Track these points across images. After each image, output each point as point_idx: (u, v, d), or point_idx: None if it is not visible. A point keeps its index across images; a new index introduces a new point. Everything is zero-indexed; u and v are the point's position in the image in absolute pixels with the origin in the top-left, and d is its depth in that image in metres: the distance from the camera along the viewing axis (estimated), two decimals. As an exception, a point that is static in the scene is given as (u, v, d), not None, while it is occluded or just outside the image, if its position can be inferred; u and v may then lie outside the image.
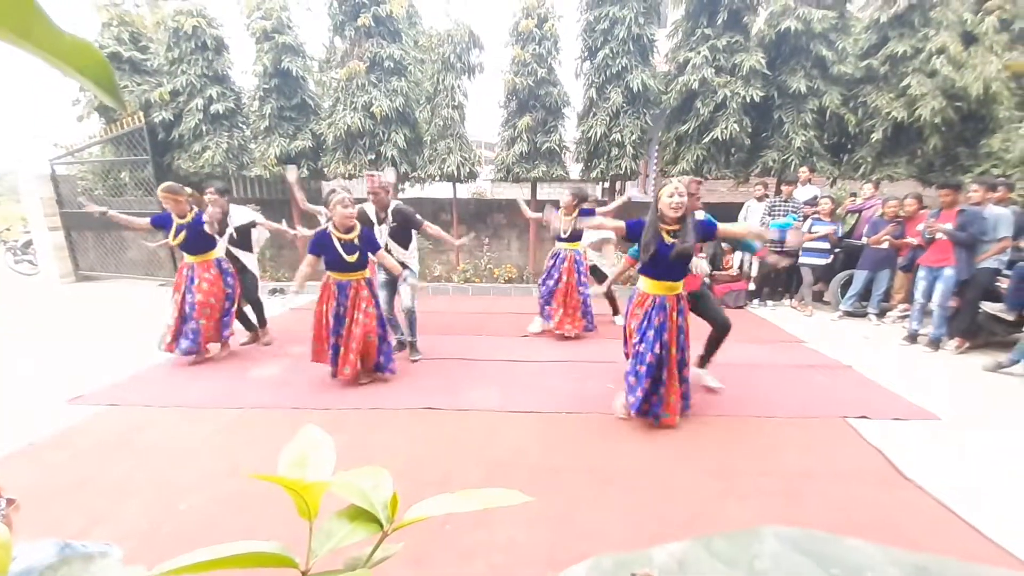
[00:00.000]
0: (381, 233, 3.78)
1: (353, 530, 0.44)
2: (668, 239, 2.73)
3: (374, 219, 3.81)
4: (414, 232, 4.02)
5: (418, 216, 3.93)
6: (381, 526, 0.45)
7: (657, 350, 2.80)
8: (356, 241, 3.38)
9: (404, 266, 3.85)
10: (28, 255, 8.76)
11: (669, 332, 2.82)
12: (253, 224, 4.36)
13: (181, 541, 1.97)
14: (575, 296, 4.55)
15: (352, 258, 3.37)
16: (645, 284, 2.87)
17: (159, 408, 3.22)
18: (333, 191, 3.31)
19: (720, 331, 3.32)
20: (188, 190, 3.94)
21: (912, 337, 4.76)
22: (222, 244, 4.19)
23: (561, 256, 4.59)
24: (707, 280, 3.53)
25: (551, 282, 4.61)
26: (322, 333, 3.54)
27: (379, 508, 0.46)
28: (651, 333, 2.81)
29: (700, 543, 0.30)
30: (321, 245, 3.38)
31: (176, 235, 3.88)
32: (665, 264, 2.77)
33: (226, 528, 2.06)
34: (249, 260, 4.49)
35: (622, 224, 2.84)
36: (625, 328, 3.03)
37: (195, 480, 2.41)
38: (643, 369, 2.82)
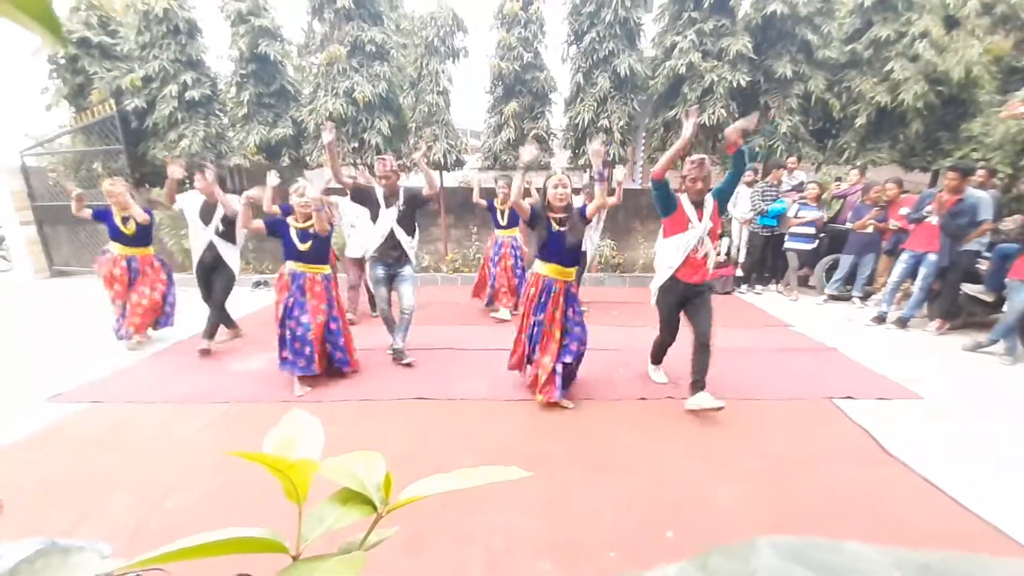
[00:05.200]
0: (387, 218, 3.63)
1: (345, 513, 0.42)
2: (555, 226, 2.95)
3: (382, 202, 3.64)
4: (416, 219, 3.81)
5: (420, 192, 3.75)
6: (375, 508, 0.43)
7: (535, 329, 3.03)
8: (311, 231, 3.32)
9: (405, 259, 3.71)
10: (1, 251, 8.45)
11: (548, 314, 2.99)
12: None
13: (169, 537, 1.91)
14: (512, 278, 5.04)
15: (304, 246, 3.31)
16: (538, 266, 3.06)
17: (144, 404, 3.15)
18: (297, 180, 3.41)
19: (699, 342, 2.95)
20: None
21: (880, 318, 4.85)
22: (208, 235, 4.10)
23: (499, 243, 5.04)
24: (712, 285, 3.26)
25: (496, 270, 5.04)
26: (284, 330, 3.32)
27: (372, 490, 0.44)
28: (534, 311, 3.03)
29: (696, 563, 0.30)
30: (276, 223, 3.37)
31: (125, 224, 4.01)
32: (555, 249, 2.98)
33: (216, 523, 1.98)
34: (231, 255, 4.23)
35: (527, 208, 2.97)
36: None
37: (183, 476, 2.36)
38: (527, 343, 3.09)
